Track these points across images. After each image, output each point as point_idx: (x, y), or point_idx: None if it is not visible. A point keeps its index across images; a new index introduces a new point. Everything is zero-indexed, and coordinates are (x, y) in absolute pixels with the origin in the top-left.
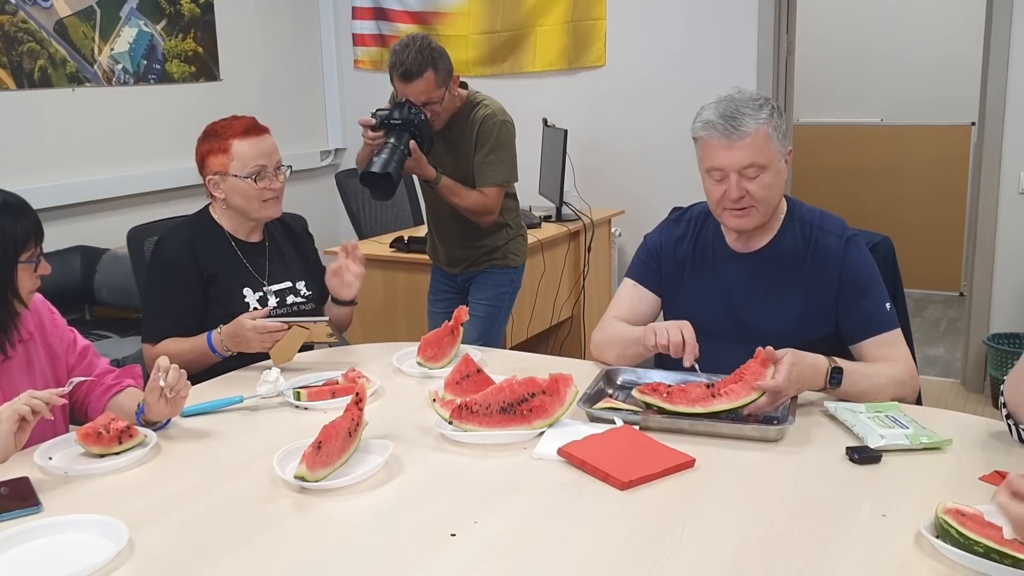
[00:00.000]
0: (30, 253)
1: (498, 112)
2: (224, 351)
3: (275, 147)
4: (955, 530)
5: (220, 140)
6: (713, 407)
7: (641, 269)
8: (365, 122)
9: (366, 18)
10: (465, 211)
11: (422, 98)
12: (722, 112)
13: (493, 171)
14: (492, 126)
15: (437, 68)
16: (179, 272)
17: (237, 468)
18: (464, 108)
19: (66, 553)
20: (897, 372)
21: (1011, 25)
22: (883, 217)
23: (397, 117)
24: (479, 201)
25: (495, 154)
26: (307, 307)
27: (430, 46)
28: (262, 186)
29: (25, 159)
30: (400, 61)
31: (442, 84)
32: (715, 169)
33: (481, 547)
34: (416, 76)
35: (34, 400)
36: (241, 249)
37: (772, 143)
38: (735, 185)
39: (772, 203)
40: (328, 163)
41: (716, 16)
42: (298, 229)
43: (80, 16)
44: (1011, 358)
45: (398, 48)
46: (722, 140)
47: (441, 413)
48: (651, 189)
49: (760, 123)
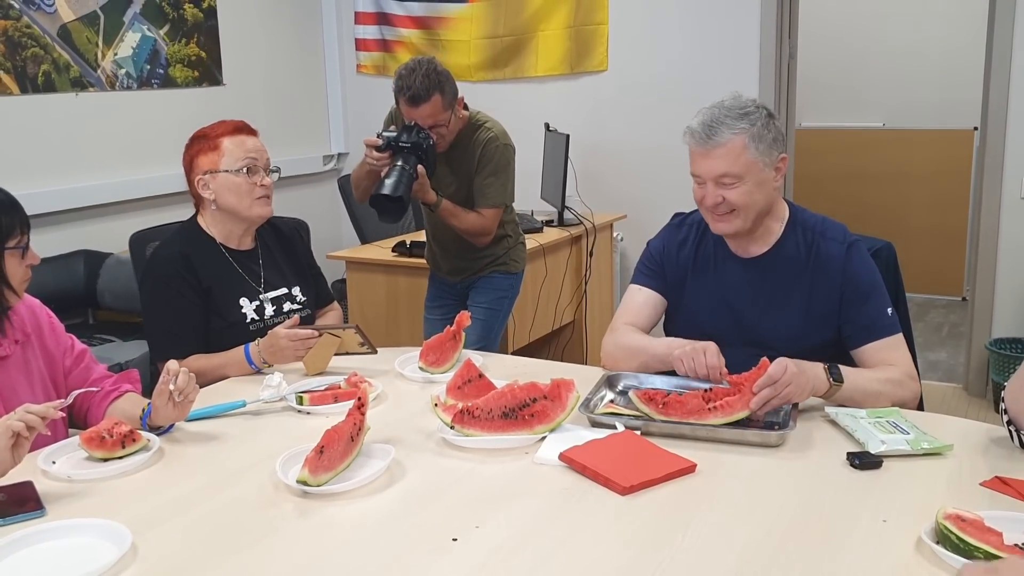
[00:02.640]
0: (16, 240)
1: (500, 136)
2: (261, 364)
3: (264, 148)
4: (956, 536)
5: (209, 140)
6: (707, 421)
7: (646, 273)
8: (371, 142)
9: (368, 23)
10: (463, 232)
11: (429, 121)
12: (704, 120)
13: (493, 193)
14: (494, 150)
15: (444, 91)
16: (182, 285)
17: (240, 472)
18: (467, 129)
19: (69, 557)
20: (896, 375)
21: (1013, 29)
22: (885, 221)
23: (406, 140)
24: (477, 222)
25: (495, 177)
26: (304, 313)
27: (436, 70)
28: (253, 180)
29: (29, 164)
30: (408, 85)
31: (448, 107)
32: (695, 175)
33: (483, 552)
34: (424, 100)
35: (29, 415)
36: (234, 258)
37: (749, 153)
38: (711, 192)
39: (755, 209)
40: (330, 167)
41: (718, 21)
42: (289, 233)
43: (84, 21)
44: (1013, 363)
45: (404, 72)
46: (700, 148)
47: (443, 418)
48: (653, 193)
49: (736, 133)
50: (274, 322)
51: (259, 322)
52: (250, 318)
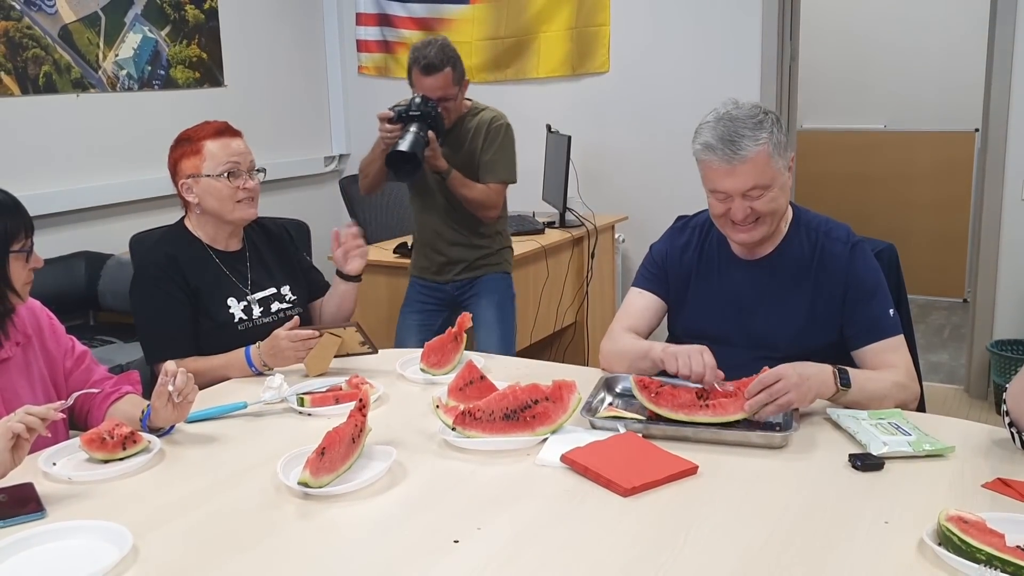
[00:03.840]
0: (21, 244)
1: (502, 116)
2: (262, 367)
3: (248, 149)
4: (957, 537)
5: (192, 143)
6: (695, 417)
7: (648, 277)
8: (384, 115)
9: (370, 24)
10: (472, 202)
11: (438, 93)
12: (721, 135)
13: (499, 168)
14: (499, 128)
15: (455, 67)
16: (171, 286)
17: (241, 474)
18: (468, 113)
19: (70, 559)
20: (899, 378)
21: (1015, 31)
22: (887, 223)
23: (416, 109)
24: (485, 193)
25: (501, 153)
26: (293, 312)
27: (449, 45)
28: (236, 184)
29: (30, 165)
30: (423, 55)
31: (457, 83)
32: (718, 191)
33: (484, 554)
34: (437, 70)
35: (29, 417)
36: (221, 259)
37: (773, 162)
38: (739, 207)
39: (779, 214)
40: (332, 169)
41: (719, 22)
42: (277, 232)
43: (85, 22)
44: (1015, 365)
45: (420, 45)
46: (723, 165)
47: (444, 419)
48: (654, 195)
49: (760, 144)
50: (263, 322)
51: (247, 322)
52: (238, 318)
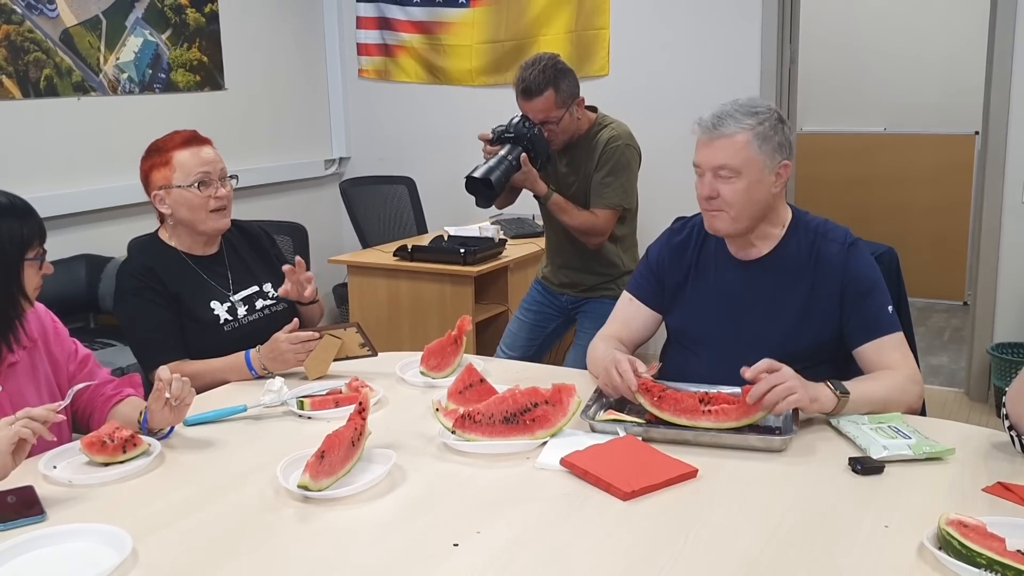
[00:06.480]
0: (35, 252)
1: (623, 136)
2: (262, 370)
3: (218, 157)
4: (958, 541)
5: (161, 154)
6: (697, 422)
7: (640, 284)
8: (483, 136)
9: (370, 28)
10: (573, 230)
11: (540, 116)
12: (715, 112)
13: (609, 193)
14: (615, 148)
15: (559, 88)
16: (153, 294)
17: (240, 477)
18: (591, 129)
19: (70, 562)
20: (901, 382)
21: (1015, 33)
22: (886, 226)
23: (511, 131)
24: (588, 221)
25: (613, 176)
26: (278, 307)
27: (555, 66)
28: (207, 194)
29: (31, 168)
30: (523, 78)
31: (563, 104)
32: (696, 165)
33: (484, 557)
34: (536, 94)
35: (33, 423)
36: (199, 265)
37: (751, 150)
38: (707, 183)
39: (745, 210)
40: (332, 172)
41: (719, 25)
42: (256, 233)
43: (86, 26)
44: (1015, 368)
45: (524, 65)
46: (704, 137)
47: (444, 423)
48: (654, 198)
49: (742, 127)
50: (249, 320)
51: (233, 322)
52: (223, 319)
